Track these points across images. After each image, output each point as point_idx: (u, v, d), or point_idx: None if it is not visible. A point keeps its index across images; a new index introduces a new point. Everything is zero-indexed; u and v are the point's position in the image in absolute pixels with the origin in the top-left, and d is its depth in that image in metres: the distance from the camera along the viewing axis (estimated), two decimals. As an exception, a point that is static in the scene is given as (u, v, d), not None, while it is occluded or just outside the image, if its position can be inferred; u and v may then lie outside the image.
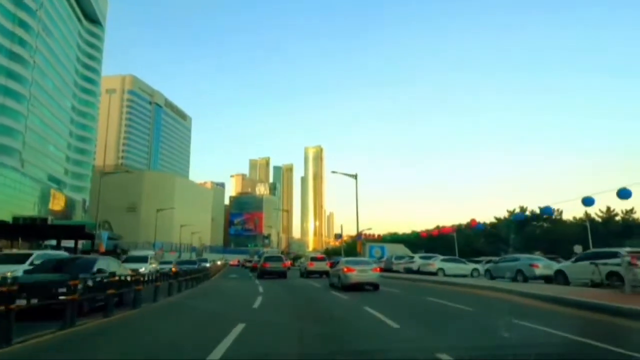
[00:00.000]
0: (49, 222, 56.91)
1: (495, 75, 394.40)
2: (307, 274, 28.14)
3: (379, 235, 42.91)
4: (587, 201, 26.90)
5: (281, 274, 26.85)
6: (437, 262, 26.49)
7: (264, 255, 34.32)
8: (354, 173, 34.52)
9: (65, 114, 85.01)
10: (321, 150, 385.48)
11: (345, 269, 16.78)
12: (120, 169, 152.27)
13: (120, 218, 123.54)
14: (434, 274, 25.85)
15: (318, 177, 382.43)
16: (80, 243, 79.63)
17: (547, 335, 6.88)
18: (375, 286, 16.72)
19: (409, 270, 28.60)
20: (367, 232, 34.43)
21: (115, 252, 76.51)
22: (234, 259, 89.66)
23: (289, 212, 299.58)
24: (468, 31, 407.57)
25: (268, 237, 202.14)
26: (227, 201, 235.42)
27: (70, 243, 75.02)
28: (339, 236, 47.06)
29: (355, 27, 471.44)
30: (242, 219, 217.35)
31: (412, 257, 29.08)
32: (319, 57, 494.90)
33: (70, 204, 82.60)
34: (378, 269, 18.33)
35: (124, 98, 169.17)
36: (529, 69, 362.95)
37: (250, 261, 51.83)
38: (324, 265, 27.78)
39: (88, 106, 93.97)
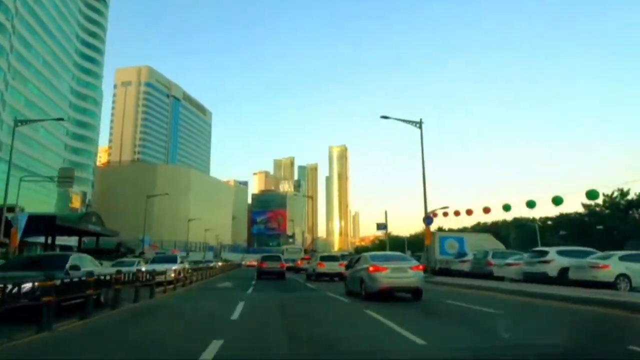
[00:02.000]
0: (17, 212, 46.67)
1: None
2: (317, 276, 22.36)
3: (455, 213, 25.43)
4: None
5: (279, 274, 23.95)
6: (612, 263, 13.02)
7: (262, 254, 29.93)
8: (416, 120, 21.71)
9: (61, 97, 75.32)
10: (346, 149, 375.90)
11: (372, 268, 10.86)
12: (136, 164, 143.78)
13: (131, 213, 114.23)
14: (609, 285, 12.56)
15: (343, 177, 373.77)
16: (82, 241, 68.60)
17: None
18: (415, 293, 10.90)
19: (533, 277, 15.34)
20: (441, 211, 20.36)
21: (118, 251, 65.63)
22: (251, 260, 77.81)
23: (314, 204, 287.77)
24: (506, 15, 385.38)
25: (292, 236, 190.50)
26: (250, 200, 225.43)
27: (66, 241, 64.24)
28: (382, 226, 34.07)
29: (381, 24, 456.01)
30: (265, 217, 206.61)
31: (543, 253, 15.60)
32: (341, 56, 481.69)
33: (64, 197, 72.60)
34: (421, 266, 11.93)
35: (140, 90, 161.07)
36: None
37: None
38: (337, 266, 22.48)
39: (89, 89, 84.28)
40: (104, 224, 57.14)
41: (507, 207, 20.86)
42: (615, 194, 44.45)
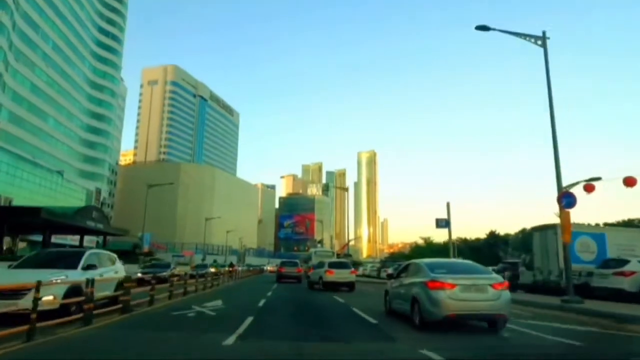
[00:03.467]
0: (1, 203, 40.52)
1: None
2: (325, 285, 19.59)
3: (588, 188, 15.08)
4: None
5: (296, 278, 26.10)
6: None
7: (282, 260, 32.05)
8: (538, 34, 13.03)
9: (75, 85, 70.01)
10: (375, 155, 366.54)
11: (432, 283, 7.60)
12: (160, 163, 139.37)
13: (152, 214, 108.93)
14: None
15: (372, 182, 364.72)
16: (87, 239, 61.90)
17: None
18: (496, 323, 7.68)
19: None
20: (589, 183, 12.05)
21: (133, 252, 59.01)
22: (273, 265, 69.88)
23: (342, 207, 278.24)
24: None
25: (321, 241, 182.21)
26: (277, 204, 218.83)
27: (63, 239, 57.64)
28: (444, 223, 25.10)
29: (410, 28, 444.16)
30: (292, 221, 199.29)
31: None
32: (371, 62, 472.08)
33: (74, 193, 66.86)
34: (506, 283, 7.92)
35: (166, 89, 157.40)
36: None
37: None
38: (348, 274, 20.04)
39: (107, 79, 78.99)
40: (108, 220, 50.45)
41: None
42: None
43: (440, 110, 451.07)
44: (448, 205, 26.37)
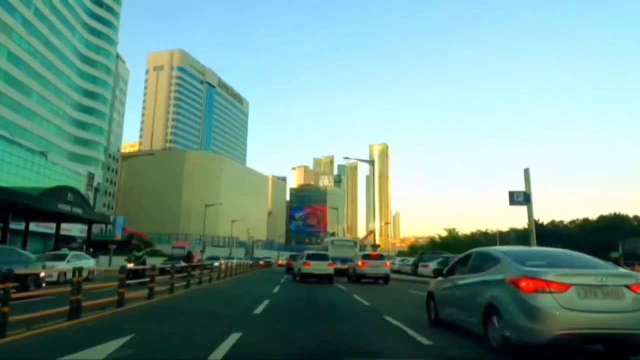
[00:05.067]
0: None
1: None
2: (302, 277, 19.77)
3: None
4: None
5: None
6: None
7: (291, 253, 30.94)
8: None
9: (63, 58, 63.16)
10: (387, 147, 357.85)
11: (525, 282, 4.64)
12: (164, 151, 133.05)
13: (157, 204, 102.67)
14: None
15: (384, 176, 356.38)
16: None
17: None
18: (629, 345, 4.71)
19: None
20: None
21: (128, 243, 51.83)
22: (281, 259, 62.75)
23: (354, 200, 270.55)
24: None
25: (333, 234, 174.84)
26: (288, 196, 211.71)
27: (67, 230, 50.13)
28: (523, 197, 17.37)
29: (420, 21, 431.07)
30: (303, 213, 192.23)
31: None
32: (383, 55, 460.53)
33: (63, 177, 60.07)
34: None
35: (172, 75, 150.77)
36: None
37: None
38: (325, 266, 19.77)
39: (100, 54, 72.07)
40: (89, 204, 43.38)
41: None
42: None
43: (449, 103, 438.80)
44: (527, 172, 18.36)
